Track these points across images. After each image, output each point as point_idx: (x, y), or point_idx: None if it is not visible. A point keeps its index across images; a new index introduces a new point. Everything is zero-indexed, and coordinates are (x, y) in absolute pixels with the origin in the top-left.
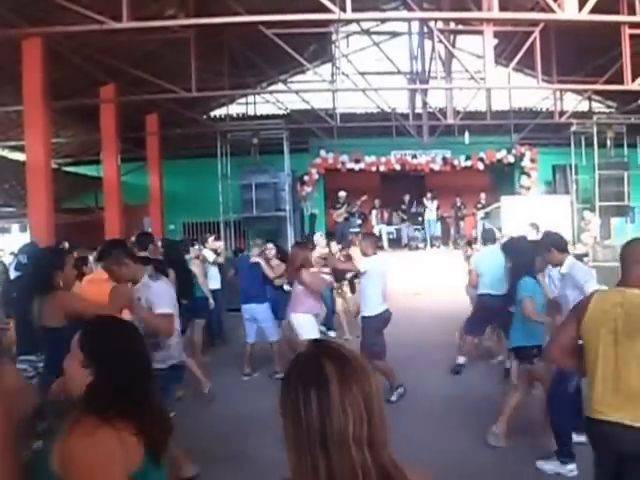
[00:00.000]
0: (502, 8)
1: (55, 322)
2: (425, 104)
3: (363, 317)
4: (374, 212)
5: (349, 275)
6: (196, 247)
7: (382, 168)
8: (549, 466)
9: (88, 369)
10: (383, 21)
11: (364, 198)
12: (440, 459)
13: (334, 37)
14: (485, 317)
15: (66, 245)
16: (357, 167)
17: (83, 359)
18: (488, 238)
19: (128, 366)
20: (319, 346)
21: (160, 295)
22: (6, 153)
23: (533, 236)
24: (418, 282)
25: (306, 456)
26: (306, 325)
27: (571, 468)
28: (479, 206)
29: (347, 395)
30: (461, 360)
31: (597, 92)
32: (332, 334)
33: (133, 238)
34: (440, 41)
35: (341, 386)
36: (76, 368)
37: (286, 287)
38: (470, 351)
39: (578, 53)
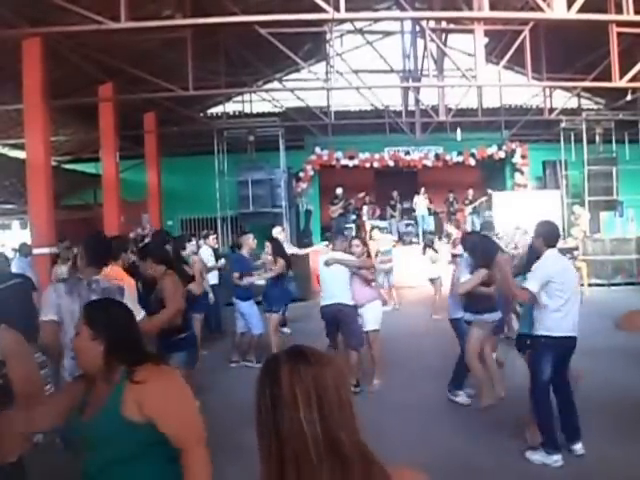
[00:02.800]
0: (492, 7)
1: None
2: (418, 101)
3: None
4: (365, 208)
5: None
6: (193, 243)
7: (376, 164)
8: (536, 456)
9: (97, 340)
10: (376, 20)
11: (361, 195)
12: (427, 454)
13: (328, 36)
14: None
15: (67, 242)
16: (351, 164)
17: (92, 333)
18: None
19: (128, 329)
20: (289, 348)
21: None
22: (6, 151)
23: (519, 237)
24: (411, 276)
25: (263, 439)
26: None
27: (556, 459)
28: (467, 202)
29: (296, 381)
30: None
31: (586, 89)
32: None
33: (132, 235)
34: (432, 40)
35: (291, 375)
36: (85, 344)
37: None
38: None
39: (567, 51)
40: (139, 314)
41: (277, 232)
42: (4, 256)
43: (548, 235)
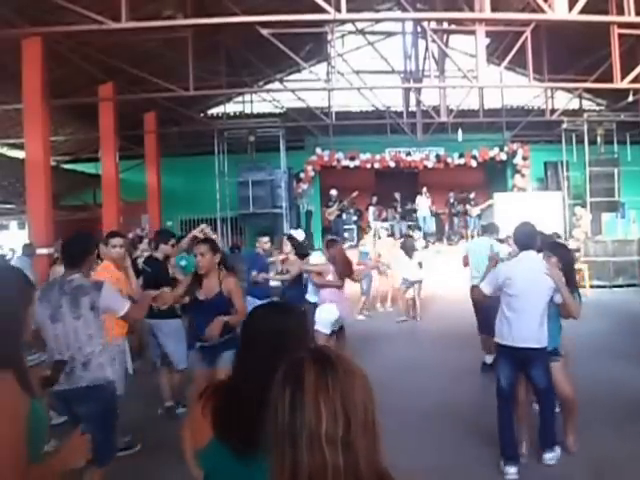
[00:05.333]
0: (494, 9)
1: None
2: (419, 102)
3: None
4: (371, 209)
5: None
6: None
7: (377, 165)
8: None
9: None
10: (377, 21)
11: (355, 194)
12: (430, 463)
13: (329, 37)
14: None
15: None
16: (352, 164)
17: None
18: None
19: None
20: (311, 350)
21: None
22: (5, 151)
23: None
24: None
25: (277, 451)
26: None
27: (508, 470)
28: (472, 203)
29: (322, 395)
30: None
31: (587, 90)
32: None
33: (131, 235)
34: (433, 41)
35: (317, 386)
36: None
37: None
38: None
39: (569, 52)
40: (123, 307)
41: (296, 232)
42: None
43: (520, 237)
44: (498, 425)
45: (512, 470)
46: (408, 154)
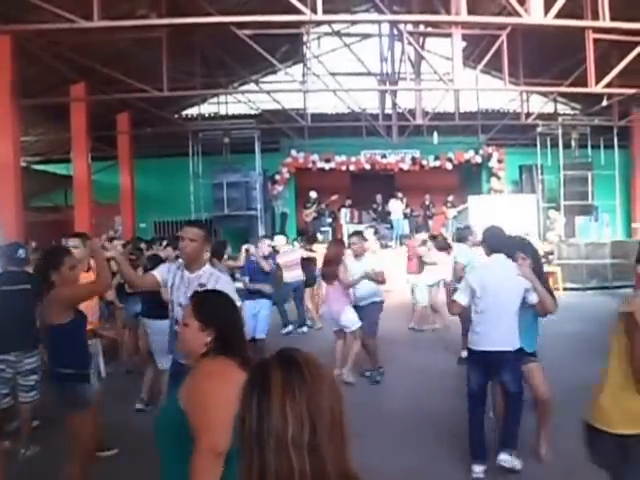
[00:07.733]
0: (470, 12)
1: (57, 319)
2: (395, 105)
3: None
4: (343, 211)
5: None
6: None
7: (352, 167)
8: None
9: (206, 331)
10: (354, 23)
11: (334, 197)
12: (406, 459)
13: (305, 38)
14: None
15: (33, 244)
16: (327, 166)
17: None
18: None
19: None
20: (278, 353)
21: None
22: None
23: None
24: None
25: (244, 455)
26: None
27: (475, 469)
28: (449, 205)
29: (288, 400)
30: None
31: (562, 94)
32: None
33: (104, 236)
34: (410, 43)
35: (283, 391)
36: (192, 333)
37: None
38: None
39: (544, 56)
40: None
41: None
42: (20, 249)
43: (490, 240)
44: (468, 425)
45: (479, 469)
46: (383, 156)
